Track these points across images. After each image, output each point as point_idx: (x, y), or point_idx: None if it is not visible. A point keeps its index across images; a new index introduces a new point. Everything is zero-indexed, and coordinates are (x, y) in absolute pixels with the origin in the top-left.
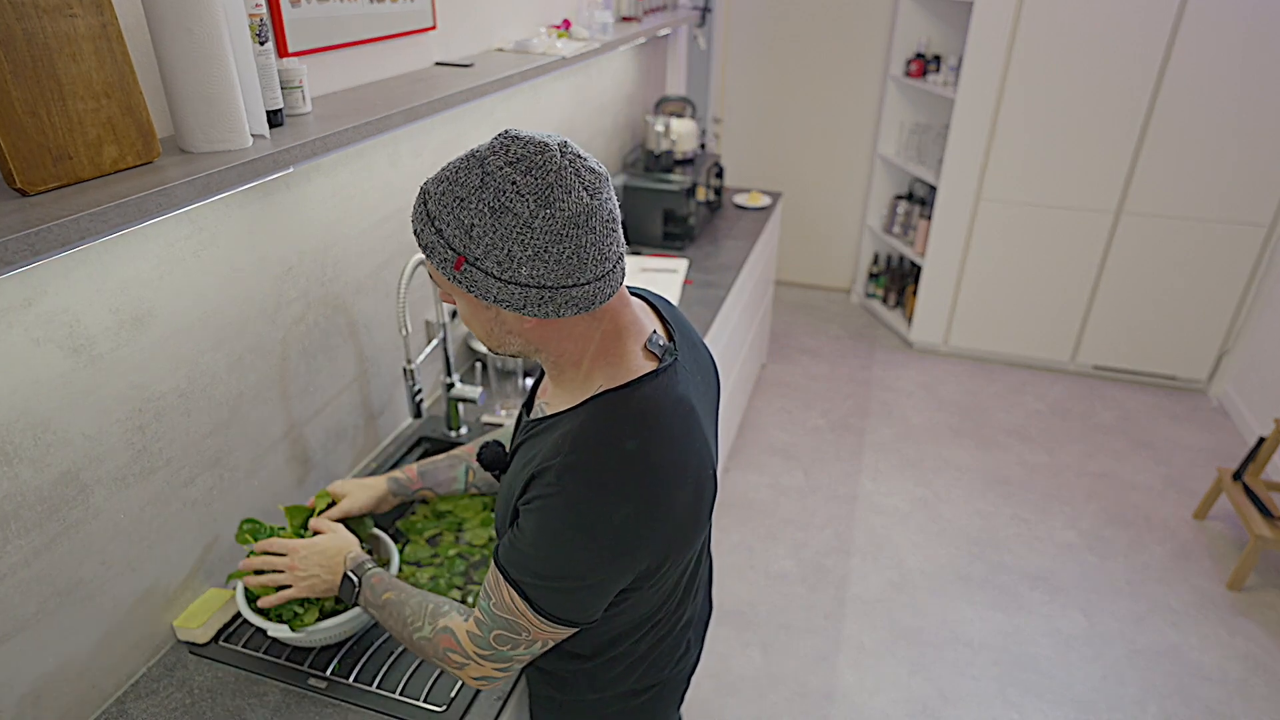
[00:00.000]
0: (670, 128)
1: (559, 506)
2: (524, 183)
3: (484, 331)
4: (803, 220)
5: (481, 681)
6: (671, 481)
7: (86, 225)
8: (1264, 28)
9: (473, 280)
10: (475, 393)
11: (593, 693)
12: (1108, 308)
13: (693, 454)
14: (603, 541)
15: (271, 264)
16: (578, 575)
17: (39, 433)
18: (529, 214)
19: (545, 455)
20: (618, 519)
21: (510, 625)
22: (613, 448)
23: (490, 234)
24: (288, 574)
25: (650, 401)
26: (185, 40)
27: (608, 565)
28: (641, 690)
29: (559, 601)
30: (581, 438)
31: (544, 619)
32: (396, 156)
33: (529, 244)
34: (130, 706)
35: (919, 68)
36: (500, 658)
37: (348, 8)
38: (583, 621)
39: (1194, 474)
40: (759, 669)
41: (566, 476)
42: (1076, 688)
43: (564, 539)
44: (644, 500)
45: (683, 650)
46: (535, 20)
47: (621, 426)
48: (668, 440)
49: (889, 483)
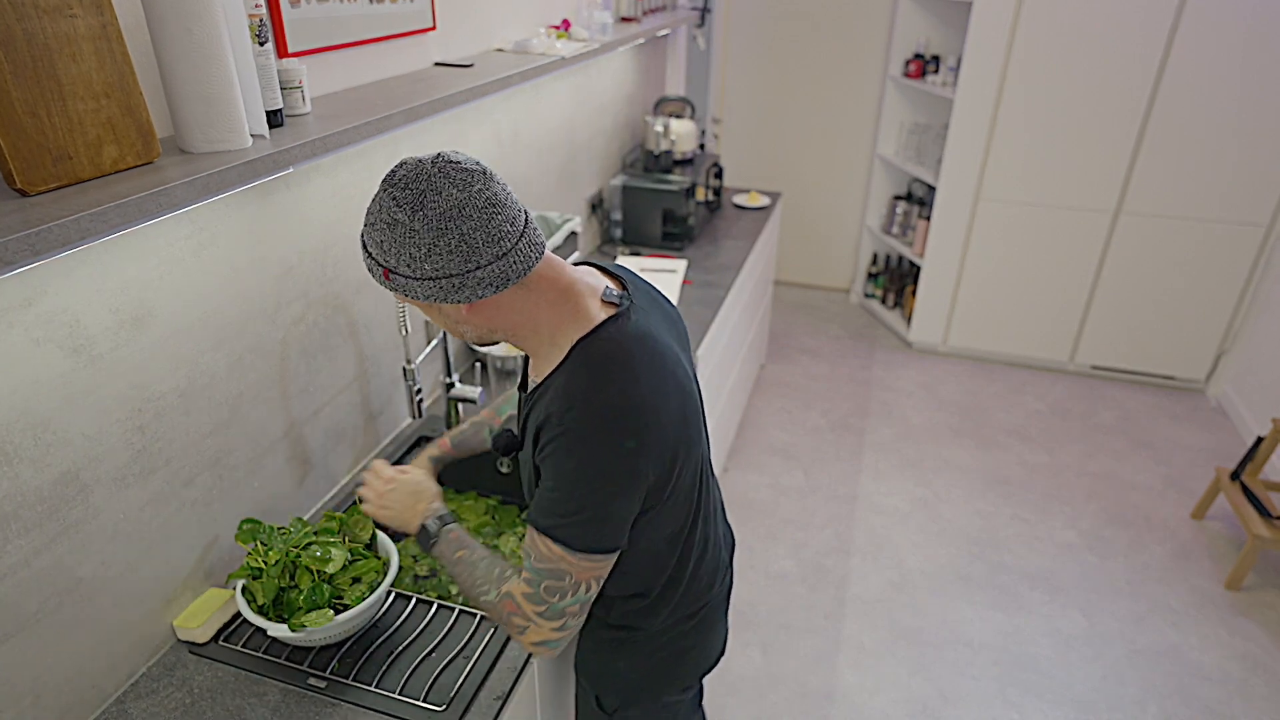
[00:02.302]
0: (669, 128)
1: (566, 447)
2: (401, 196)
3: (445, 326)
4: (802, 220)
5: (541, 647)
6: (656, 406)
7: (87, 225)
8: (1262, 28)
9: (400, 285)
10: (475, 393)
11: (655, 622)
12: (1106, 308)
13: (668, 377)
14: (610, 468)
15: (271, 264)
16: (597, 503)
17: (39, 433)
18: (408, 219)
19: (546, 410)
20: (618, 447)
21: (554, 573)
22: (599, 389)
23: (393, 244)
24: (373, 497)
25: (616, 342)
26: (185, 40)
27: (619, 488)
28: (694, 613)
29: (587, 534)
30: (572, 385)
31: (579, 555)
32: (396, 156)
33: (419, 243)
34: (130, 706)
35: (918, 68)
36: (554, 612)
37: (347, 8)
38: (612, 548)
39: (1193, 474)
40: (759, 669)
41: (567, 420)
42: (1076, 688)
43: (577, 474)
44: (637, 426)
45: (721, 570)
46: (535, 21)
47: (602, 368)
48: (643, 372)
49: (889, 483)
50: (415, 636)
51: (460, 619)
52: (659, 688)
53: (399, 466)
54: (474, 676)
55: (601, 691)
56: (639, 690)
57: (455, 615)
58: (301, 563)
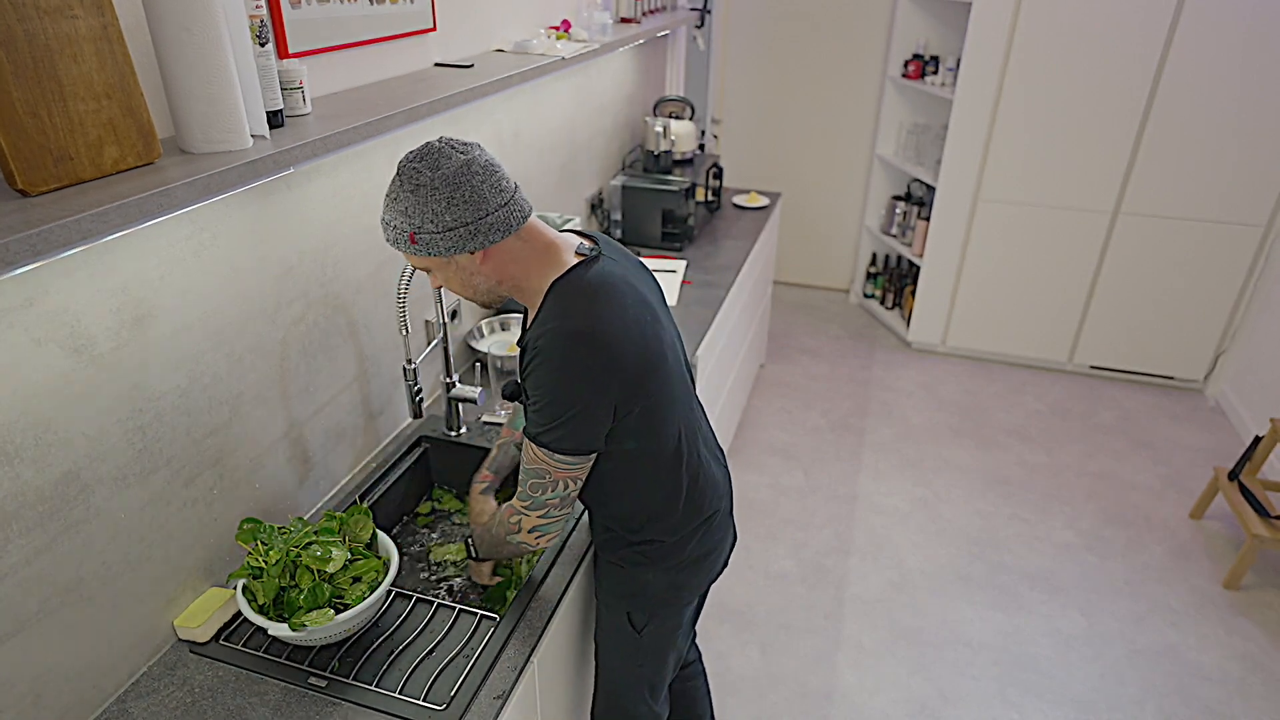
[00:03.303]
0: (669, 128)
1: (541, 359)
2: (419, 164)
3: (460, 284)
4: (801, 220)
5: (534, 534)
6: (613, 329)
7: (88, 226)
8: (1261, 28)
9: (425, 244)
10: (475, 393)
11: (673, 534)
12: (1105, 308)
13: (628, 307)
14: (575, 377)
15: (272, 264)
16: (568, 409)
17: (40, 433)
18: (429, 178)
19: (528, 339)
20: (580, 360)
21: (538, 473)
22: (565, 314)
23: (416, 206)
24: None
25: (582, 280)
26: (185, 41)
27: (585, 395)
28: (705, 520)
29: (564, 434)
30: (545, 315)
31: (556, 455)
32: (397, 157)
33: (439, 198)
34: (131, 705)
35: (917, 68)
36: (538, 504)
37: (348, 9)
38: (585, 450)
39: (1192, 474)
40: (758, 669)
41: (541, 342)
42: (1076, 687)
43: (550, 385)
44: (596, 343)
45: (720, 483)
46: (535, 21)
47: (570, 300)
48: (602, 303)
49: (889, 483)
50: (415, 636)
51: (460, 619)
52: (679, 596)
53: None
54: (474, 676)
55: (633, 608)
56: (663, 602)
57: (455, 615)
58: (302, 562)
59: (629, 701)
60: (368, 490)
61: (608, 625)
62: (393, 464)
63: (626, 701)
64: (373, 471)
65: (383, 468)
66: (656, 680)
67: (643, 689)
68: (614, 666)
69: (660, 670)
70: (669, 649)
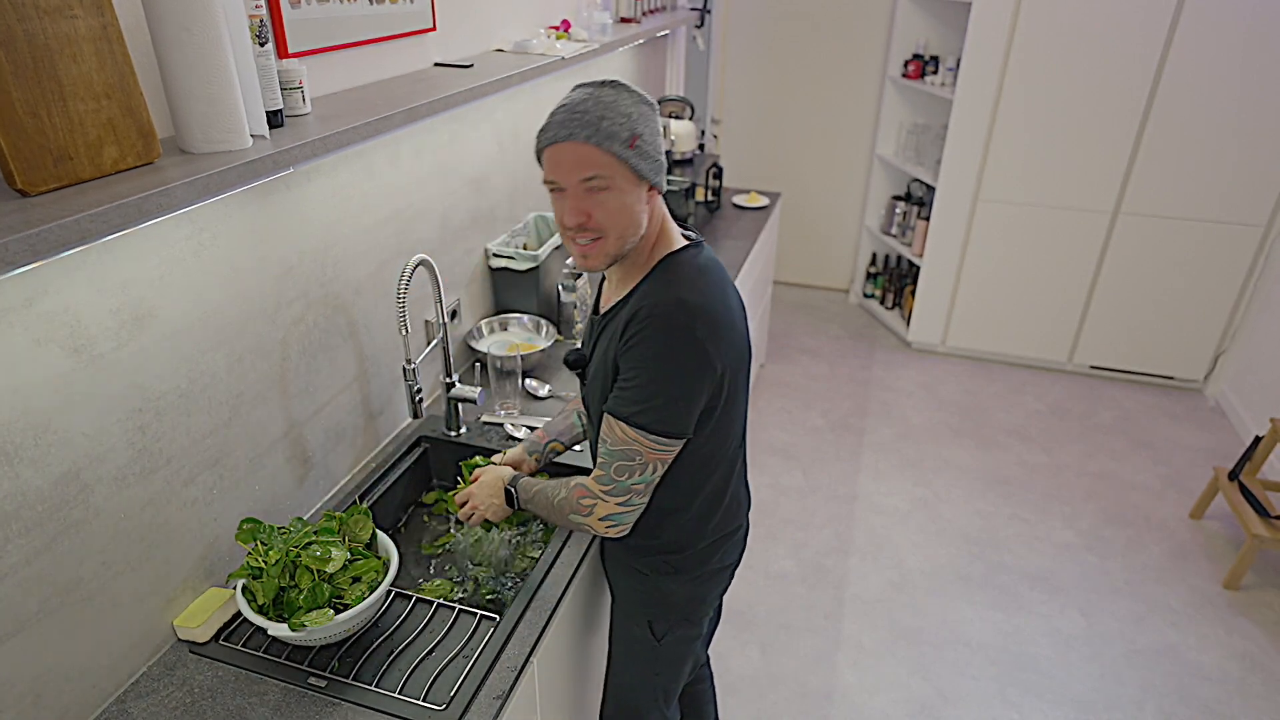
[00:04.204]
0: (669, 128)
1: (651, 336)
2: (637, 94)
3: (624, 214)
4: (801, 221)
5: (608, 522)
6: (723, 310)
7: (87, 226)
8: (1261, 28)
9: (640, 153)
10: (475, 393)
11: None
12: (1105, 308)
13: (731, 294)
14: (684, 354)
15: (271, 264)
16: (672, 387)
17: (39, 433)
18: (650, 104)
19: (633, 310)
20: (692, 335)
21: (626, 454)
22: (678, 289)
23: (641, 116)
24: (477, 509)
25: (695, 263)
26: (185, 41)
27: (692, 373)
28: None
29: (663, 417)
30: (655, 288)
31: (652, 436)
32: (396, 157)
33: (655, 124)
34: (130, 705)
35: (917, 69)
36: (620, 489)
37: (348, 9)
38: (681, 433)
39: (1192, 474)
40: (758, 669)
41: (655, 314)
42: (1075, 687)
43: (657, 361)
44: (707, 320)
45: (748, 498)
46: (535, 21)
47: (681, 274)
48: (713, 285)
49: (888, 483)
50: (415, 636)
51: (460, 618)
52: (698, 607)
53: (476, 471)
54: (474, 676)
55: (654, 617)
56: (684, 612)
57: (455, 615)
58: (301, 562)
59: (642, 707)
60: (367, 490)
61: (626, 633)
62: (392, 464)
63: (639, 707)
64: (372, 472)
65: (382, 468)
66: (671, 687)
67: (657, 696)
68: (630, 673)
69: (676, 678)
70: (687, 657)
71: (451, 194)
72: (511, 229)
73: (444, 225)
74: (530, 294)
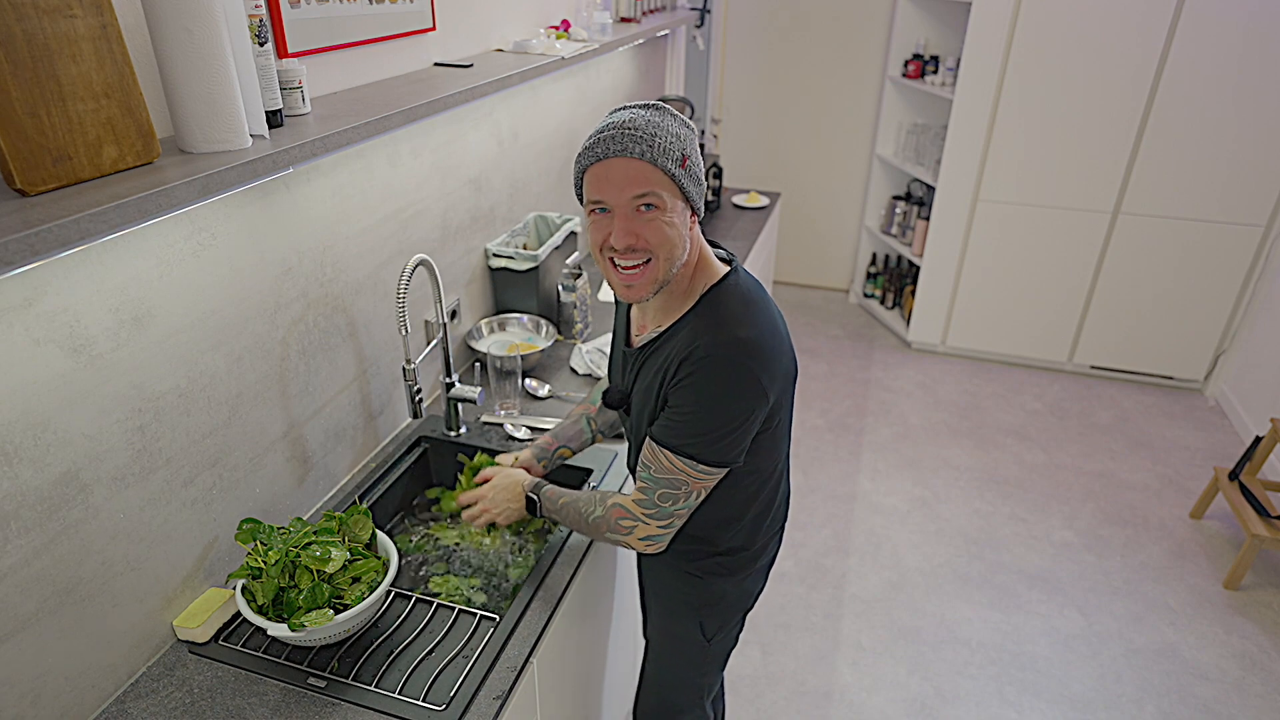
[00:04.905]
0: None
1: (710, 377)
2: (680, 118)
3: (673, 235)
4: (801, 220)
5: (647, 542)
6: (773, 339)
7: (86, 226)
8: (1261, 28)
9: (691, 175)
10: (474, 393)
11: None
12: (1105, 308)
13: (777, 318)
14: (742, 390)
15: (271, 264)
16: (728, 421)
17: (39, 433)
18: (690, 131)
19: (684, 346)
20: (749, 372)
21: (671, 483)
22: (731, 324)
23: (689, 138)
24: (488, 512)
25: (740, 291)
26: (185, 41)
27: (748, 408)
28: (777, 531)
29: (714, 449)
30: (705, 325)
31: (702, 466)
32: (396, 157)
33: (697, 148)
34: (130, 706)
35: (917, 68)
36: (663, 514)
37: (347, 8)
38: (731, 462)
39: (1191, 473)
40: (758, 668)
41: (712, 354)
42: (1074, 687)
43: (717, 400)
44: (762, 354)
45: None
46: (534, 21)
47: (730, 308)
48: (760, 315)
49: (887, 482)
50: (415, 636)
51: (460, 619)
52: (747, 603)
53: (484, 471)
54: (474, 676)
55: (706, 617)
56: (736, 610)
57: (455, 615)
58: (301, 562)
59: (684, 705)
60: (367, 490)
61: (671, 633)
62: (392, 464)
63: (680, 705)
64: (372, 472)
65: (382, 468)
66: (712, 685)
67: (699, 694)
68: (674, 671)
69: (719, 675)
70: (729, 654)
71: (451, 194)
72: (511, 229)
73: (444, 225)
74: (530, 294)
